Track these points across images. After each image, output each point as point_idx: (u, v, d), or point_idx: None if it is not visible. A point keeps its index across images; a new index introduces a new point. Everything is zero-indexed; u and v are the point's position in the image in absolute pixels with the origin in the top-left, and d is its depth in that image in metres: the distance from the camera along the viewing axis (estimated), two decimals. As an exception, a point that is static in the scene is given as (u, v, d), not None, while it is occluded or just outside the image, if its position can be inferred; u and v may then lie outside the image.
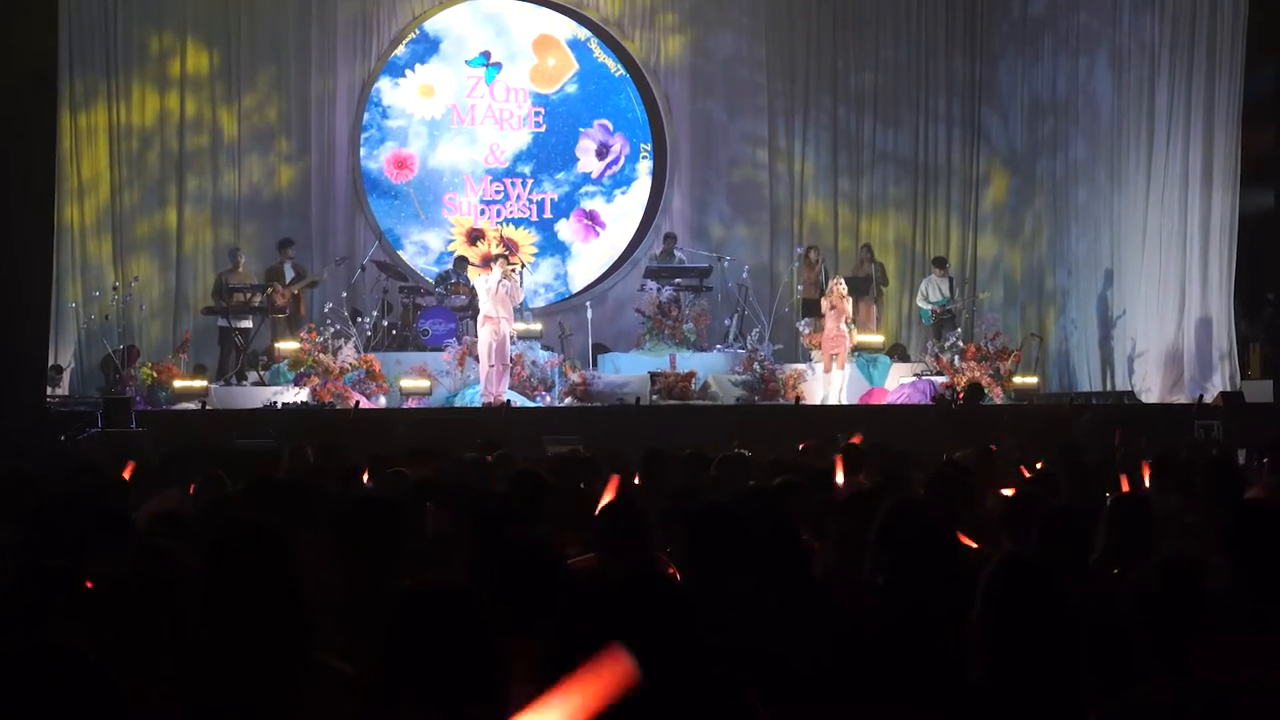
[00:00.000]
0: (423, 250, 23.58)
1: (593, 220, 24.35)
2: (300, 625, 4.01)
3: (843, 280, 21.08)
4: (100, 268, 21.29)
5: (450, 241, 23.51)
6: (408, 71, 23.52)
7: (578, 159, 24.28)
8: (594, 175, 24.36)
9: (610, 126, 24.32)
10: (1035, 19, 24.22)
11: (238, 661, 3.92)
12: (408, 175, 23.52)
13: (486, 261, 21.53)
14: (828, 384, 20.56)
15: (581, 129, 24.27)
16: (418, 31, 23.51)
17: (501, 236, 23.09)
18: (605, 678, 2.89)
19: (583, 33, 24.26)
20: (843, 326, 20.48)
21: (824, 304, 20.82)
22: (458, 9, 23.69)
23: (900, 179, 24.79)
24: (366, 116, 23.22)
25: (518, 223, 23.89)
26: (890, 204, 24.80)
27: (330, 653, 4.07)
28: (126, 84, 21.69)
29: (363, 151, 23.24)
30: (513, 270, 19.94)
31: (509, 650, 3.69)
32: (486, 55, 23.81)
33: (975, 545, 6.16)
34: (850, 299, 20.84)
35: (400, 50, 23.38)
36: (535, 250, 24.00)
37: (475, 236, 23.62)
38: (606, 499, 6.65)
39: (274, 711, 3.88)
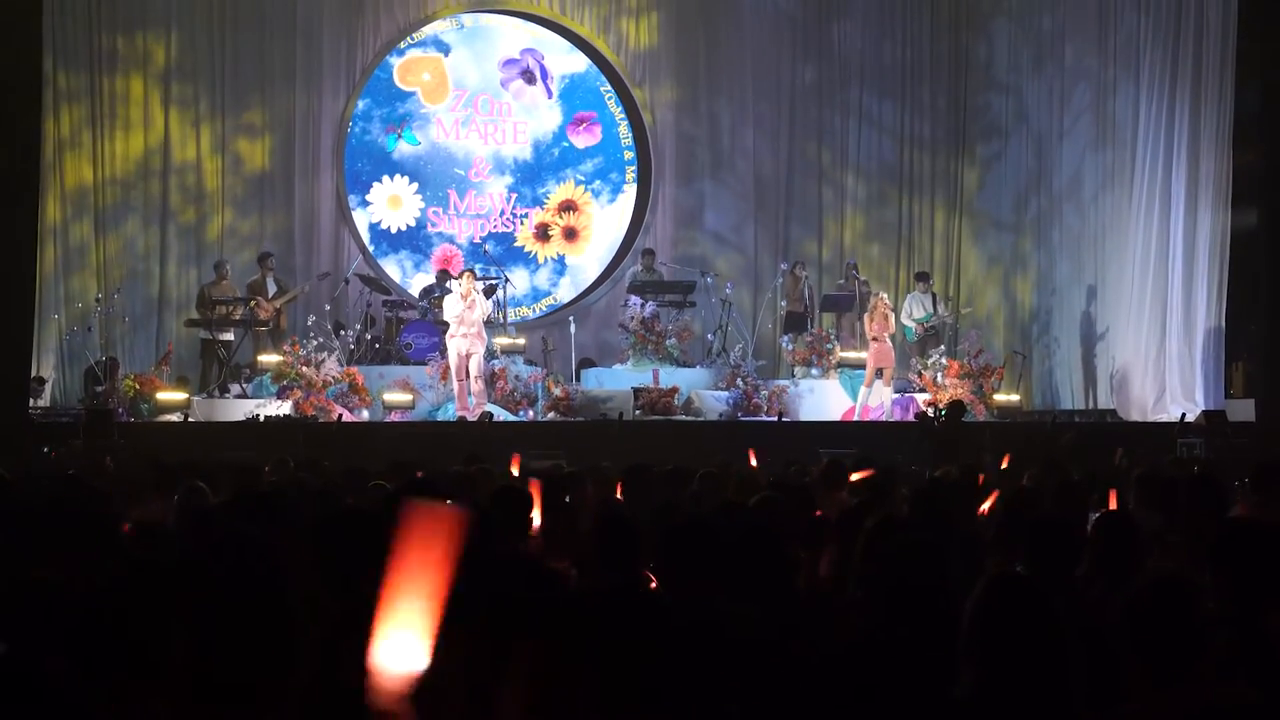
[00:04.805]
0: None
1: (584, 122, 24.38)
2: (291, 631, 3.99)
3: (884, 294, 21.21)
4: (83, 279, 21.22)
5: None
6: (374, 187, 23.53)
7: (521, 103, 24.17)
8: (549, 100, 24.31)
9: (514, 57, 24.15)
10: (1022, 40, 24.27)
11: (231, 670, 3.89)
12: (457, 266, 23.44)
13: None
14: (875, 396, 20.65)
15: (502, 82, 24.18)
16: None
17: (567, 203, 24.06)
18: None
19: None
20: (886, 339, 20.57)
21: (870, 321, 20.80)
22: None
23: (885, 194, 24.81)
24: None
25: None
26: (874, 219, 24.82)
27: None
28: (110, 94, 21.66)
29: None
30: (474, 288, 19.73)
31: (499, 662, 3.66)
32: (391, 130, 23.70)
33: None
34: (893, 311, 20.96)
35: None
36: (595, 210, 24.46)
37: (544, 231, 24.09)
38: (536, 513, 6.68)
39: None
